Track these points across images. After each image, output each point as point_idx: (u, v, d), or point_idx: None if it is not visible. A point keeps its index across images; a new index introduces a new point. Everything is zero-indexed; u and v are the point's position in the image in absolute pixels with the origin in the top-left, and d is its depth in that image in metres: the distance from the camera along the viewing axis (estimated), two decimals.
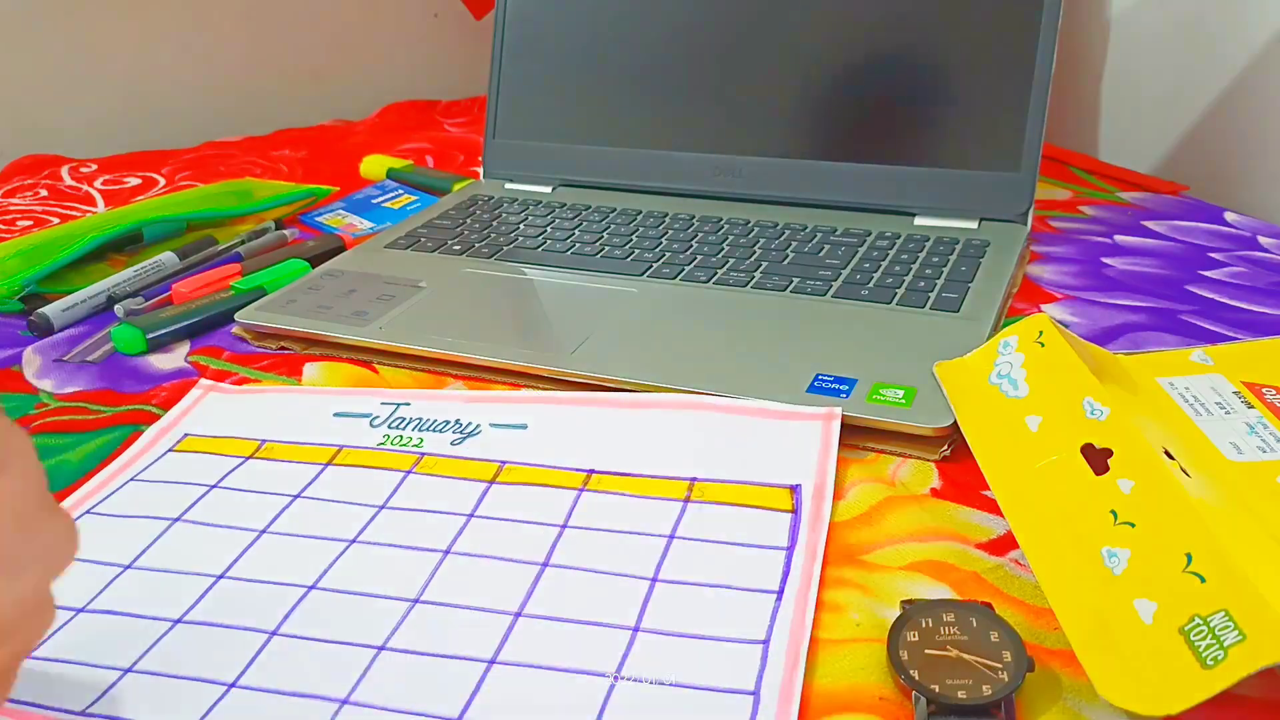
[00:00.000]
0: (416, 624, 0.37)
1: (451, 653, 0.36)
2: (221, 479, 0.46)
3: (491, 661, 0.35)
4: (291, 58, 1.12)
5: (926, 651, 0.33)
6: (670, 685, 0.34)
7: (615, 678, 0.34)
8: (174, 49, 1.06)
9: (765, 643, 0.35)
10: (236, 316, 0.59)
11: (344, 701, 0.34)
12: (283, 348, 0.59)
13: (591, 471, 0.45)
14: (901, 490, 0.43)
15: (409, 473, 0.46)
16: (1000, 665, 0.32)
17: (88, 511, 0.45)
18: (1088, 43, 0.87)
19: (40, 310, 0.62)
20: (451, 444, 0.47)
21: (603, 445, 0.46)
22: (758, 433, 0.46)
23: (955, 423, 0.45)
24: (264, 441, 0.49)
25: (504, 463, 0.46)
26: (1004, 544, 0.40)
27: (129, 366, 0.58)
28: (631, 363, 0.51)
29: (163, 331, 0.59)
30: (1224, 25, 0.77)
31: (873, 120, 0.67)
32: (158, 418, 0.52)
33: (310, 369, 0.56)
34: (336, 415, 0.50)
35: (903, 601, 0.36)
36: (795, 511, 0.41)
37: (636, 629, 0.36)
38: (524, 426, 0.48)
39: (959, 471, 0.44)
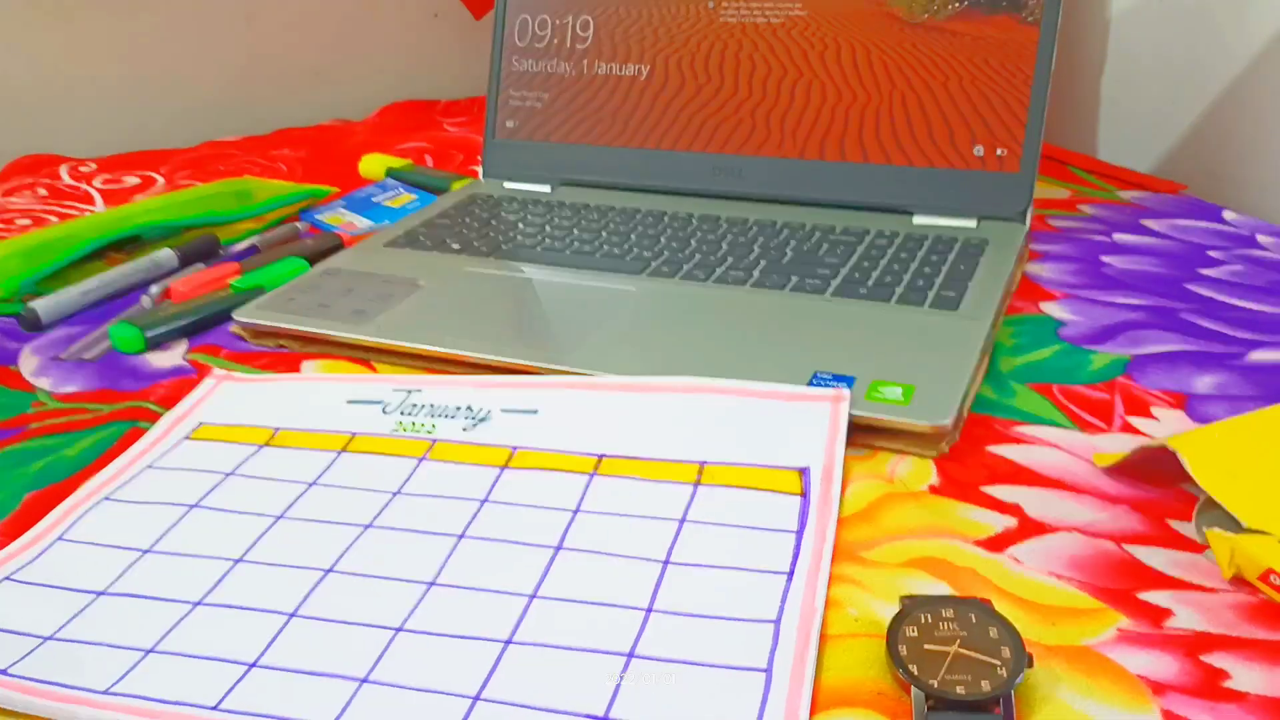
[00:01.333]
0: (432, 606, 0.38)
1: (468, 633, 0.36)
2: (237, 467, 0.47)
3: (508, 642, 0.36)
4: (291, 58, 1.12)
5: (925, 647, 0.33)
6: (684, 663, 0.34)
7: (629, 656, 0.35)
8: (173, 49, 1.06)
9: (777, 622, 0.36)
10: (234, 315, 0.59)
11: (363, 680, 0.34)
12: (281, 346, 0.59)
13: (602, 456, 0.45)
14: (900, 487, 0.43)
15: (422, 459, 0.46)
16: (999, 661, 0.32)
17: (106, 498, 0.45)
18: (1087, 42, 0.87)
19: (30, 304, 0.62)
20: (463, 430, 0.48)
21: (613, 429, 0.46)
22: (766, 415, 0.46)
23: (954, 420, 0.45)
24: (278, 429, 0.49)
25: (516, 448, 0.46)
26: (1002, 540, 0.40)
27: (127, 365, 0.57)
28: (630, 361, 0.51)
29: (161, 330, 0.59)
30: (1223, 25, 0.77)
31: (871, 118, 0.67)
32: (156, 415, 0.52)
33: (308, 367, 0.56)
34: (349, 402, 0.51)
35: (902, 597, 0.36)
36: (804, 495, 0.42)
37: (650, 609, 0.37)
38: (535, 412, 0.48)
39: (957, 469, 0.44)
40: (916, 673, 0.32)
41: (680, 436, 0.45)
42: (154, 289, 0.64)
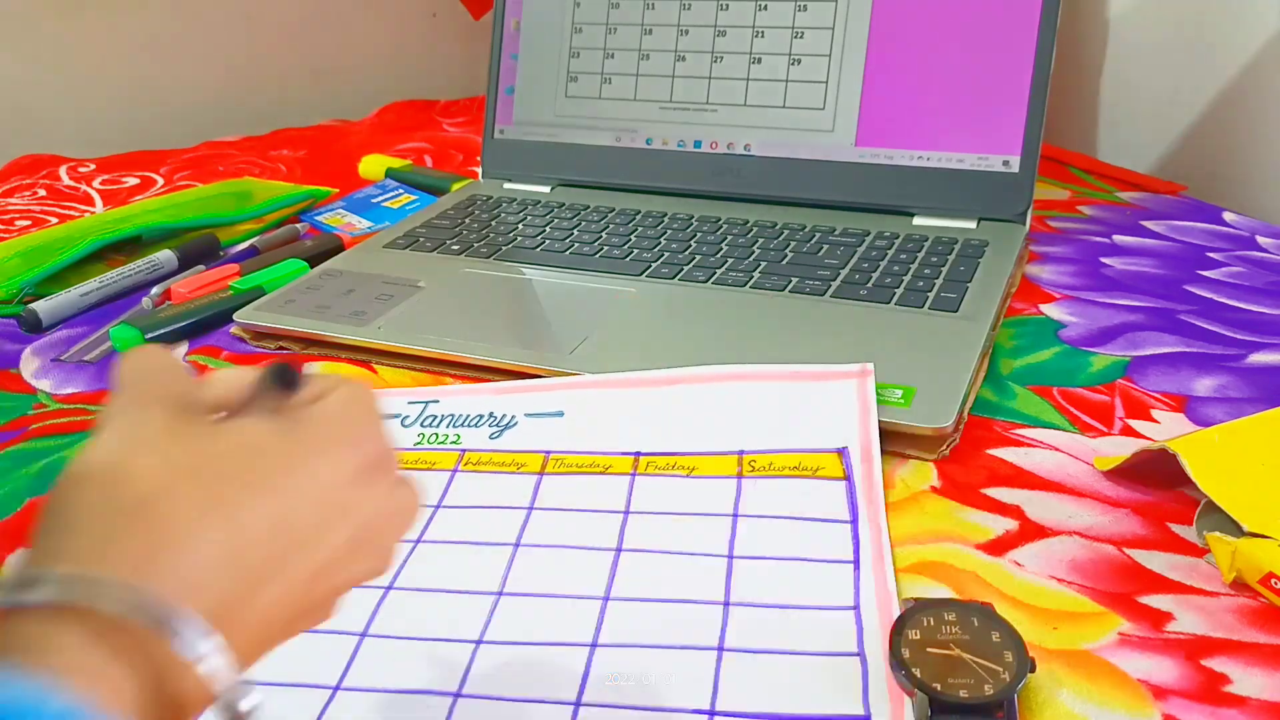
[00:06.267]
0: (506, 615, 0.37)
1: (551, 639, 0.36)
2: None
3: (594, 645, 0.36)
4: (291, 58, 1.12)
5: (928, 650, 0.33)
6: (775, 653, 0.35)
7: (719, 650, 0.35)
8: (173, 49, 1.06)
9: (856, 608, 0.36)
10: (235, 316, 0.59)
11: (457, 695, 0.34)
12: (281, 348, 0.58)
13: (639, 454, 0.45)
14: (902, 490, 0.43)
15: (455, 471, 0.46)
16: (1002, 666, 0.32)
17: None
18: (1087, 43, 0.87)
19: (30, 306, 0.62)
20: (490, 437, 0.47)
21: (644, 426, 0.46)
22: (796, 397, 0.46)
23: (954, 422, 0.45)
24: None
25: (549, 453, 0.46)
26: (1003, 544, 0.40)
27: None
28: (629, 363, 0.51)
29: (161, 331, 0.59)
30: (1222, 26, 0.77)
31: (872, 119, 0.67)
32: None
33: (309, 370, 0.56)
34: None
35: (904, 600, 0.36)
36: (848, 479, 0.42)
37: (727, 603, 0.37)
38: (560, 414, 0.48)
39: (958, 471, 0.44)
40: (920, 676, 0.32)
41: (714, 427, 0.45)
42: (154, 290, 0.64)
